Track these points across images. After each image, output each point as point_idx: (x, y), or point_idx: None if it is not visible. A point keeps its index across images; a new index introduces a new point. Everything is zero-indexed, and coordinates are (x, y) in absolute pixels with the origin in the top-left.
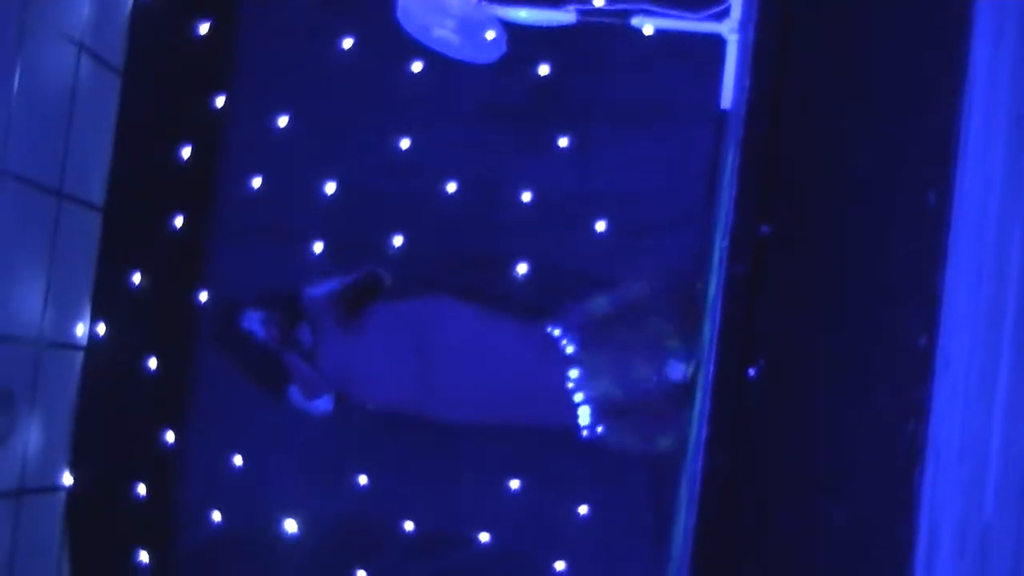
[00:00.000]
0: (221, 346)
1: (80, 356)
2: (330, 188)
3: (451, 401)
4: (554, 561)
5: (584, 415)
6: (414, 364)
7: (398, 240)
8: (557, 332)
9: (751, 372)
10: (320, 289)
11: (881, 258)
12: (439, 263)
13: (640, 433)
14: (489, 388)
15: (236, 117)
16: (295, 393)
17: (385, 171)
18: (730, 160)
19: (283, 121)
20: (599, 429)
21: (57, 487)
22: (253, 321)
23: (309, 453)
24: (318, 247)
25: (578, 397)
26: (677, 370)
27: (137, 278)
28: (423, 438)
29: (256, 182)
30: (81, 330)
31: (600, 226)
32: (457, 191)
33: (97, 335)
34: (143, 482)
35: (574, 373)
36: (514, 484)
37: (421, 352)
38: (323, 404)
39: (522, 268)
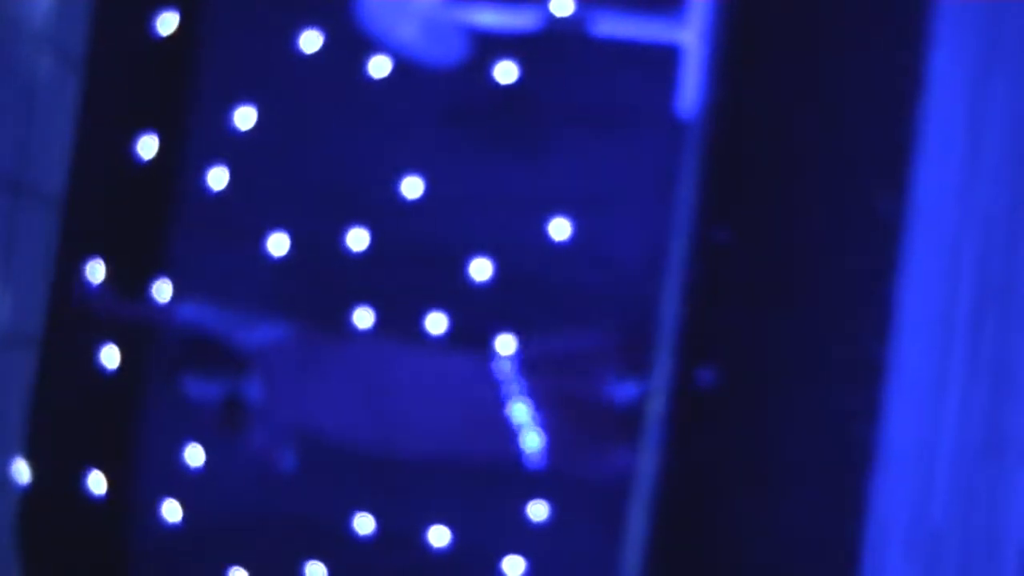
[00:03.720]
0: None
1: (35, 352)
2: (291, 186)
3: (404, 439)
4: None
5: (532, 445)
6: (367, 404)
7: (357, 241)
8: (504, 361)
9: (704, 376)
10: (264, 333)
11: (836, 263)
12: (396, 267)
13: (591, 458)
14: (439, 424)
15: (199, 111)
16: (251, 447)
17: (345, 171)
18: (687, 166)
19: (247, 117)
20: (546, 457)
21: (10, 485)
22: (193, 389)
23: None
24: (280, 244)
25: (525, 418)
26: (627, 389)
27: (96, 273)
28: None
29: (218, 178)
30: (36, 325)
31: (558, 233)
32: (417, 194)
33: (53, 330)
34: (99, 479)
35: (520, 406)
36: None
37: (372, 392)
38: (285, 462)
39: (480, 273)
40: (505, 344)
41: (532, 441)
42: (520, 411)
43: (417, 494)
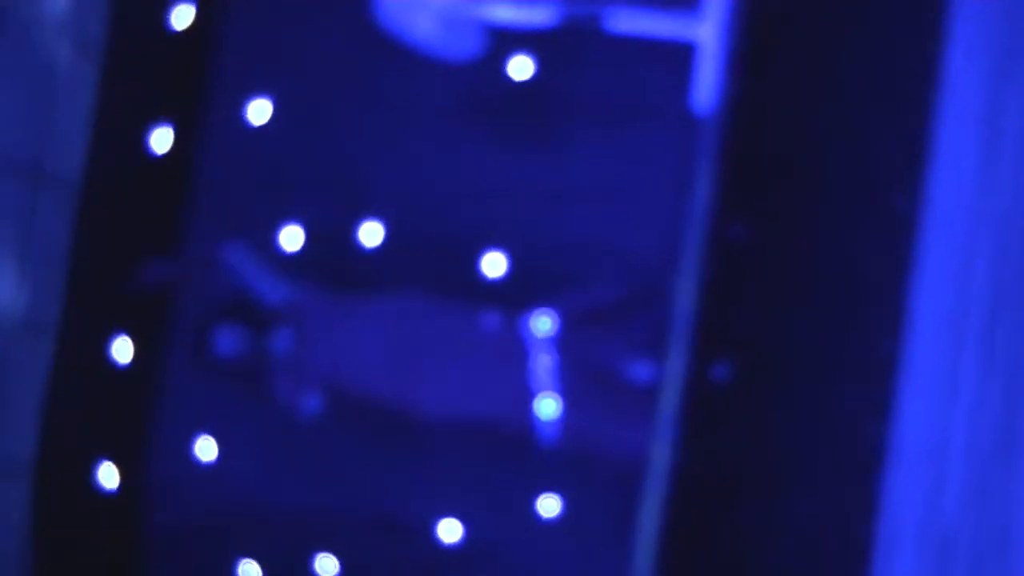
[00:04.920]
0: (194, 366)
1: (52, 340)
2: (307, 178)
3: (427, 396)
4: (517, 563)
5: (550, 416)
6: (393, 362)
7: (373, 234)
8: (534, 323)
9: (717, 372)
10: (303, 291)
11: (850, 261)
12: (413, 258)
13: (606, 436)
14: (462, 383)
15: (216, 104)
16: (279, 398)
17: (361, 163)
18: (703, 162)
19: (263, 110)
20: (562, 432)
21: (26, 473)
22: (223, 342)
23: (285, 442)
24: (294, 237)
25: (547, 389)
26: (645, 369)
27: (113, 262)
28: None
29: (234, 169)
30: (53, 314)
31: (573, 227)
32: (432, 187)
33: (70, 319)
34: (114, 468)
35: (545, 362)
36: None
37: (399, 350)
38: (310, 406)
39: (495, 268)
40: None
41: (548, 408)
42: (542, 375)
43: (429, 482)
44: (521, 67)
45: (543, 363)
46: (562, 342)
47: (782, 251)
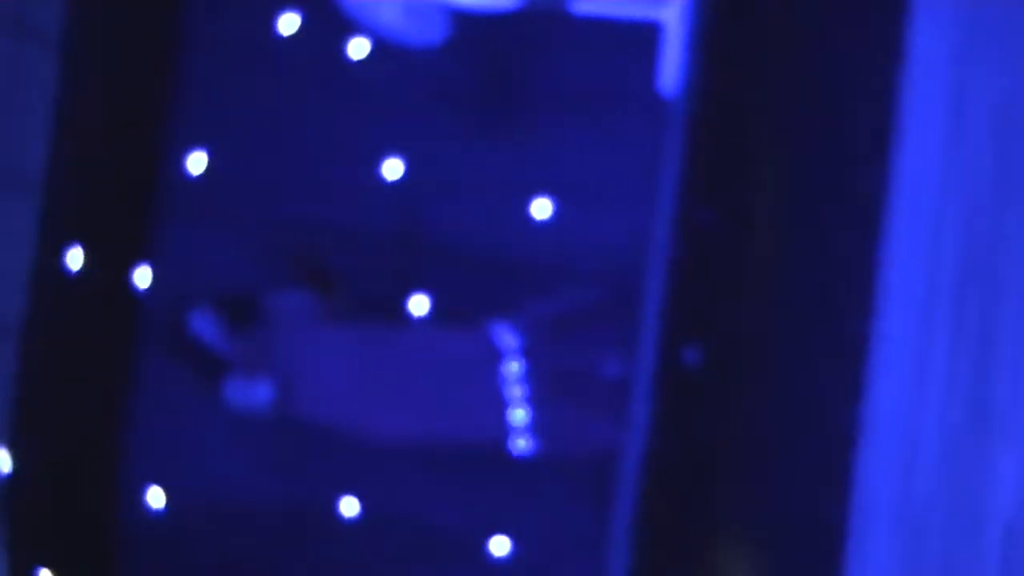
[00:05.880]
0: (162, 345)
1: (16, 341)
2: (273, 174)
3: (389, 421)
4: (496, 554)
5: (522, 431)
6: (356, 382)
7: (341, 224)
8: (502, 331)
9: (689, 356)
10: (284, 297)
11: (819, 241)
12: (382, 249)
13: (581, 441)
14: (428, 408)
15: (179, 94)
16: (231, 386)
17: (327, 153)
18: (670, 145)
19: (226, 101)
20: (536, 440)
21: None
22: (198, 322)
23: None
24: (260, 228)
25: (517, 395)
26: (616, 364)
27: (78, 259)
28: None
29: (200, 163)
30: (17, 313)
31: (541, 213)
32: (401, 176)
33: (35, 318)
34: (84, 465)
35: (515, 367)
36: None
37: (364, 371)
38: (262, 393)
39: (463, 256)
40: (495, 322)
41: (520, 419)
42: (509, 387)
43: (403, 475)
44: (485, 52)
45: (512, 367)
46: (531, 339)
47: (750, 234)
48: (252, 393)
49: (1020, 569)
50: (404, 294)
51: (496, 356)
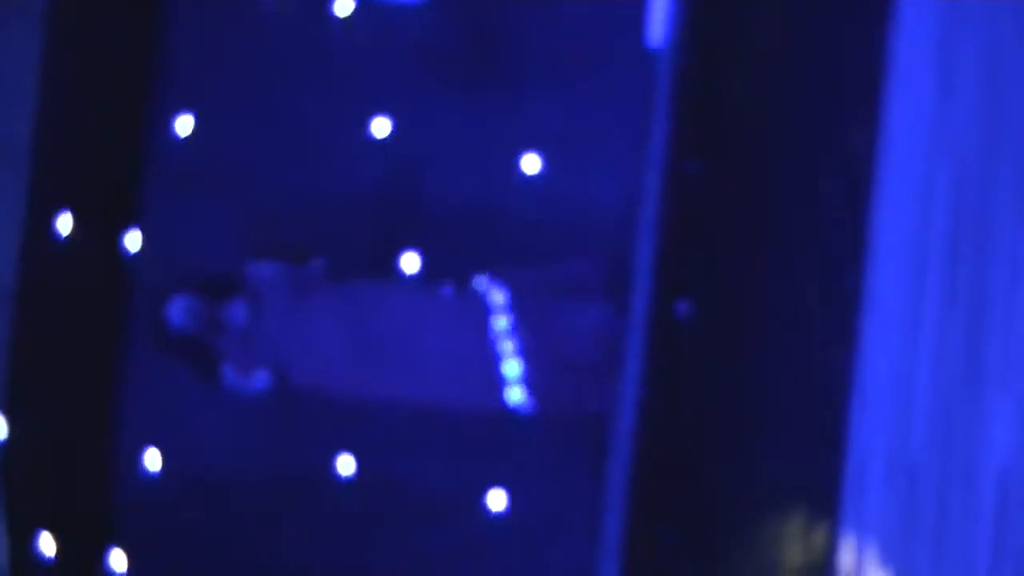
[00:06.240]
0: (148, 336)
1: (9, 306)
2: (261, 135)
3: (384, 382)
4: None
5: (516, 390)
6: (349, 350)
7: (329, 186)
8: (489, 288)
9: (681, 310)
10: (264, 267)
11: (810, 195)
12: (370, 210)
13: (574, 396)
14: (422, 366)
15: (165, 60)
16: (228, 373)
17: (313, 113)
18: (658, 99)
19: (213, 63)
20: (530, 398)
21: None
22: (178, 311)
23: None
24: (249, 189)
25: (508, 350)
26: (607, 321)
27: (67, 226)
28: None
29: (187, 127)
30: (10, 280)
31: (530, 168)
32: (388, 135)
33: (28, 284)
34: (80, 431)
35: (503, 322)
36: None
37: (355, 340)
38: (258, 381)
39: (453, 215)
40: (485, 279)
41: (513, 372)
42: (503, 347)
43: (399, 433)
44: (473, 11)
45: (501, 321)
46: (519, 293)
47: (742, 188)
48: (250, 382)
49: (1014, 515)
50: (394, 253)
51: (485, 311)
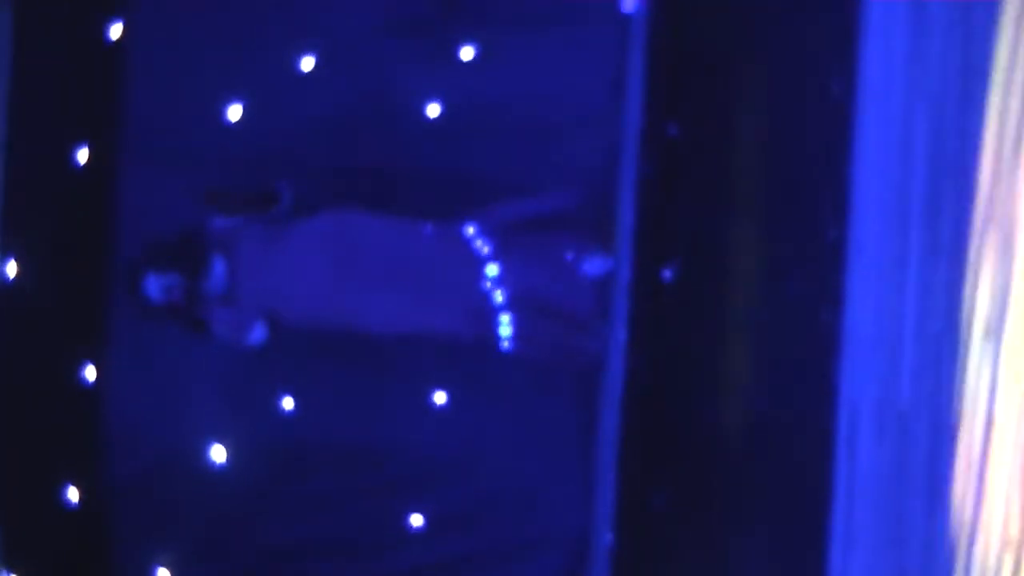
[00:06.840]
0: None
1: None
2: (234, 107)
3: (372, 312)
4: (480, 469)
5: (504, 325)
6: (333, 279)
7: (305, 155)
8: (472, 231)
9: (667, 271)
10: (226, 220)
11: (790, 150)
12: (348, 177)
13: (560, 346)
14: (408, 296)
15: (134, 38)
16: (220, 335)
17: (288, 84)
18: (635, 61)
19: (183, 39)
20: (518, 341)
21: None
22: (154, 288)
23: (234, 376)
24: (224, 168)
25: (497, 296)
26: (595, 265)
27: (46, 212)
28: (347, 354)
29: (160, 105)
30: None
31: (508, 132)
32: (362, 103)
33: (8, 273)
34: (66, 417)
35: (492, 270)
36: (439, 398)
37: (339, 266)
38: (254, 336)
39: (432, 177)
40: (473, 227)
41: (504, 321)
42: (491, 291)
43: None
44: None
45: (490, 270)
46: (501, 242)
47: (720, 147)
48: (244, 338)
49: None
50: (360, 182)
51: (473, 259)
